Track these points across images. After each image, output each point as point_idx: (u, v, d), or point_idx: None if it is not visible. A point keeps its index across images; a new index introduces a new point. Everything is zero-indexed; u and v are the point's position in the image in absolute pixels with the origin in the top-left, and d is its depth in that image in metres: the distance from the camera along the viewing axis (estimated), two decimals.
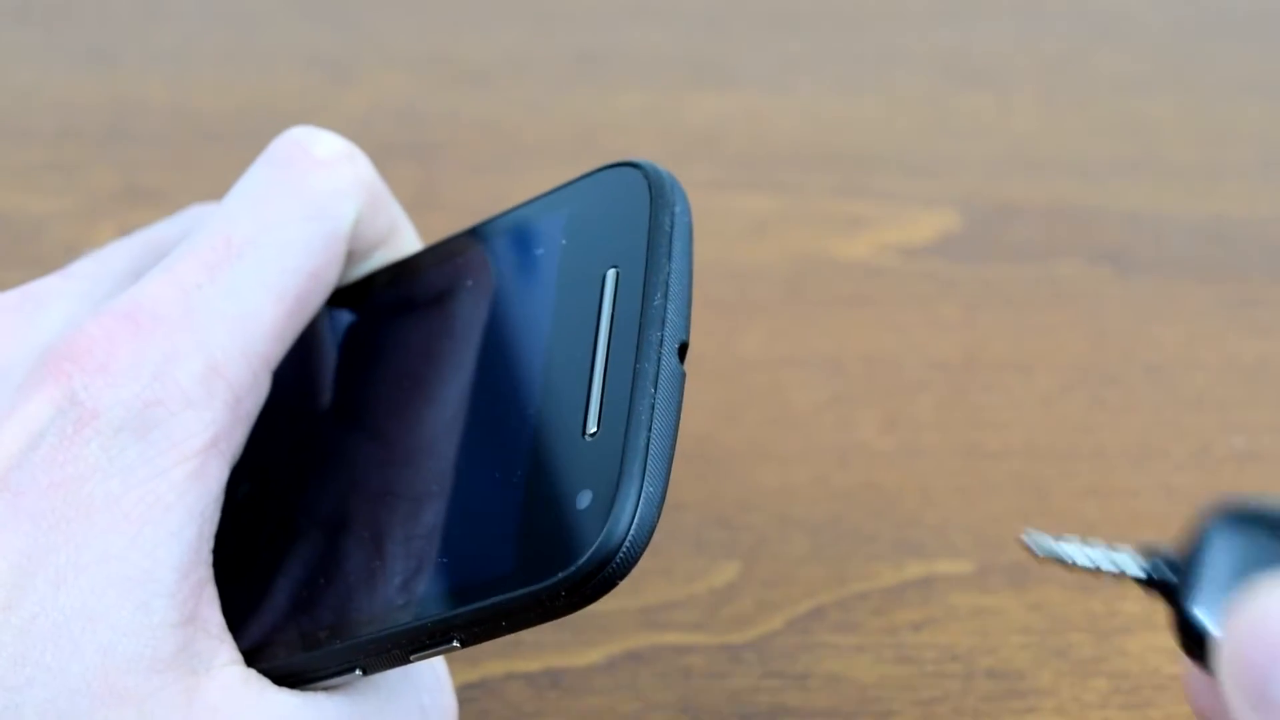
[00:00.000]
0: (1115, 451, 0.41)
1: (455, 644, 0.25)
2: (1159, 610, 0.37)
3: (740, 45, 0.56)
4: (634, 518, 0.23)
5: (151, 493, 0.26)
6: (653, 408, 0.24)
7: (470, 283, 0.29)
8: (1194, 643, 0.24)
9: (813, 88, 0.53)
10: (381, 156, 0.49)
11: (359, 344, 0.31)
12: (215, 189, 0.48)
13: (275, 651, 0.27)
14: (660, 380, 0.24)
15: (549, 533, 0.24)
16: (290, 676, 0.27)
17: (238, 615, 0.27)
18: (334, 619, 0.27)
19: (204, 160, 0.49)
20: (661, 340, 0.25)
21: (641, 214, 0.26)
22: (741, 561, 0.37)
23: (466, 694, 0.34)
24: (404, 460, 0.28)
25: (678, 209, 0.27)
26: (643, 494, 0.23)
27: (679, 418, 0.25)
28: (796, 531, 0.38)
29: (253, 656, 0.27)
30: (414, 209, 0.35)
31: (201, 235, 0.28)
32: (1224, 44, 0.56)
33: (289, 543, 0.29)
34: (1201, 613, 0.23)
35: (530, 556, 0.24)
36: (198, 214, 0.32)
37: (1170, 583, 0.25)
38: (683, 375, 0.25)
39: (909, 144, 0.51)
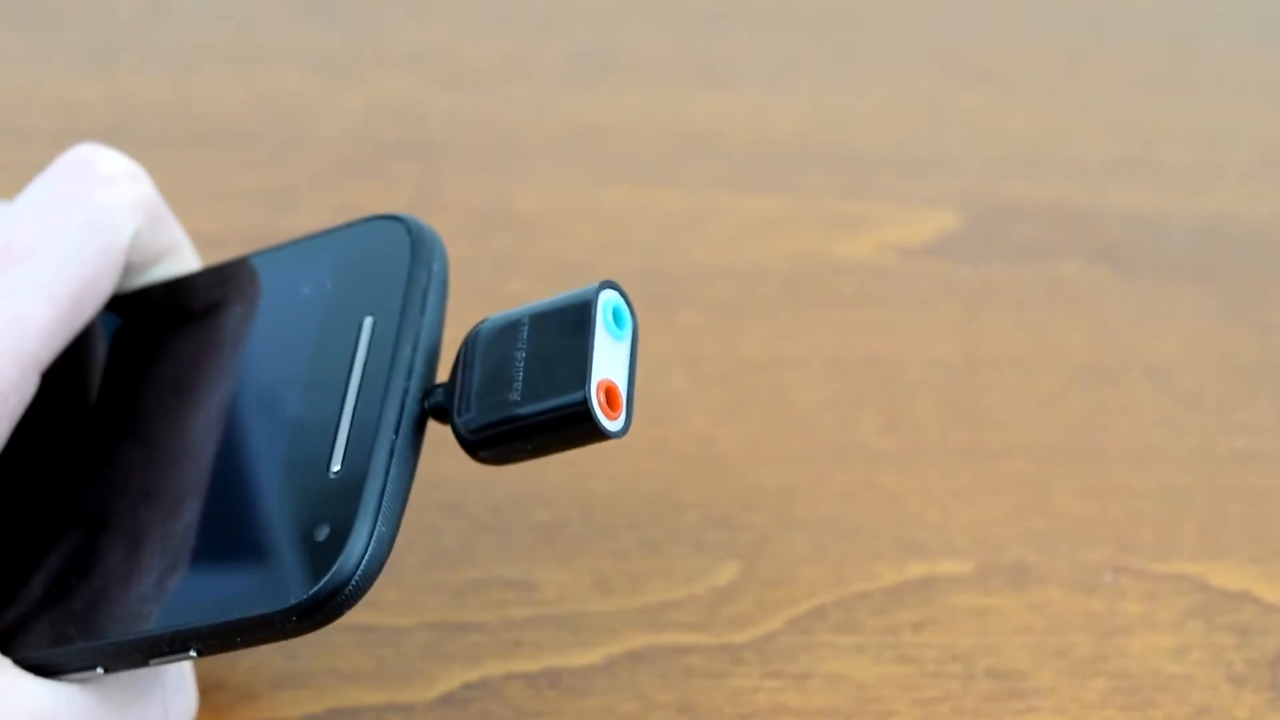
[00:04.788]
0: (1115, 451, 0.41)
1: (193, 653, 0.27)
2: (1160, 610, 0.37)
3: (740, 45, 0.56)
4: (365, 555, 0.25)
5: None
6: (391, 453, 0.26)
7: (239, 309, 0.31)
8: (476, 448, 0.27)
9: (813, 87, 0.53)
10: (381, 156, 0.50)
11: (131, 352, 0.32)
12: (215, 189, 0.48)
13: (27, 640, 0.28)
14: (402, 428, 0.26)
15: (287, 560, 0.26)
16: (40, 667, 0.28)
17: None
18: (82, 617, 0.28)
19: (204, 160, 0.49)
20: (407, 390, 0.27)
21: (401, 267, 0.28)
22: (741, 561, 0.37)
23: (466, 694, 0.34)
24: (157, 470, 0.30)
25: (435, 266, 0.28)
26: (375, 533, 0.25)
27: (417, 464, 0.27)
28: (796, 531, 0.38)
29: (4, 644, 0.28)
30: (414, 209, 0.35)
31: None
32: (1224, 44, 0.56)
33: (45, 539, 0.30)
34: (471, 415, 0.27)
35: (268, 580, 0.26)
36: None
37: (442, 406, 0.27)
38: (425, 425, 0.27)
39: (909, 144, 0.51)
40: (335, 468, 0.26)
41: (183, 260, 0.33)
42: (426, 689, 0.34)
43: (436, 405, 0.27)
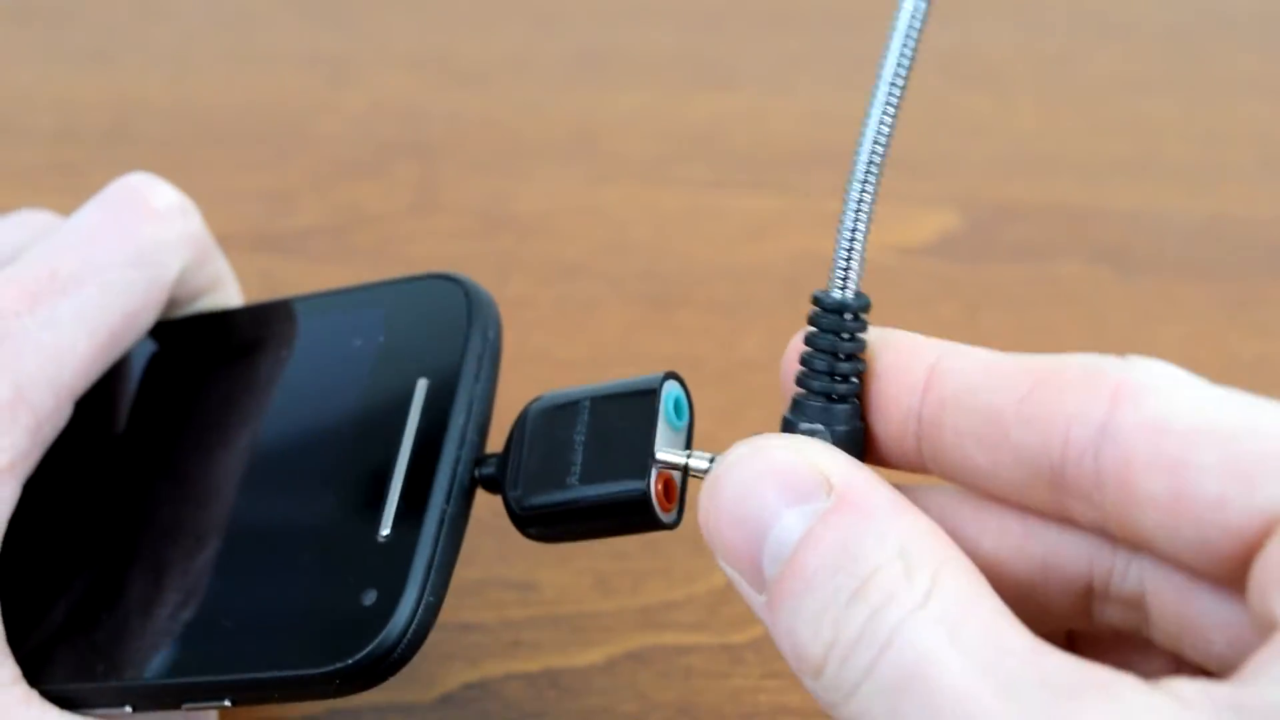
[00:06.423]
0: None
1: (227, 702, 0.26)
2: None
3: (740, 45, 0.56)
4: (411, 623, 0.25)
5: None
6: (442, 522, 0.26)
7: (284, 351, 0.30)
8: (527, 524, 0.27)
9: (813, 87, 0.53)
10: (381, 156, 0.50)
11: (166, 381, 0.32)
12: (215, 189, 0.48)
13: (54, 673, 0.28)
14: (453, 497, 0.26)
15: (332, 622, 0.26)
16: (67, 700, 0.28)
17: (20, 631, 0.28)
18: (110, 653, 0.28)
19: (204, 160, 0.49)
20: (459, 459, 0.27)
21: (457, 330, 0.28)
22: None
23: (466, 694, 0.34)
24: (191, 508, 0.29)
25: (490, 332, 0.28)
26: (423, 603, 0.25)
27: (464, 533, 0.27)
28: None
29: (31, 675, 0.28)
30: (414, 209, 0.35)
31: (28, 263, 0.29)
32: (1224, 44, 0.56)
33: (73, 569, 0.30)
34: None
35: (311, 640, 0.26)
36: (33, 224, 0.32)
37: (493, 477, 0.27)
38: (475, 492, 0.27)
39: (909, 144, 0.50)
40: (384, 531, 0.26)
41: (225, 295, 0.33)
42: (426, 689, 0.34)
43: (488, 476, 0.27)
